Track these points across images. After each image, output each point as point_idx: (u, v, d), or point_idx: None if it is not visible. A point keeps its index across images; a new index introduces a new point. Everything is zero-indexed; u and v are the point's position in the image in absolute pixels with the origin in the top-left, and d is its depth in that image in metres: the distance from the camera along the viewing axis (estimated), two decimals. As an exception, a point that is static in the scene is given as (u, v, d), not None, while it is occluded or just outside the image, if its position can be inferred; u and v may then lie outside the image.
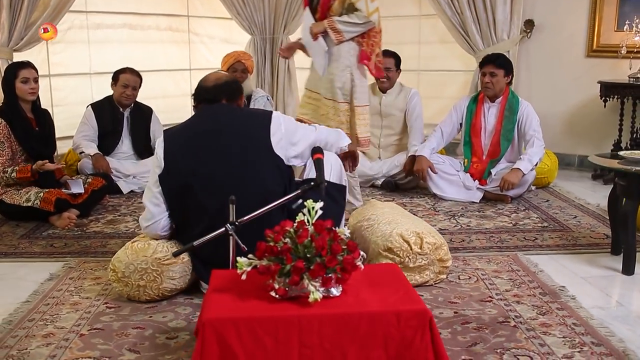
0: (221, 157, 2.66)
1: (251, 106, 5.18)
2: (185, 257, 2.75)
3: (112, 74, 4.93)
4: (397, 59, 5.08)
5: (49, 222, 3.94)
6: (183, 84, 6.59)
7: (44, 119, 4.27)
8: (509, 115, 4.57)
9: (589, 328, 2.51)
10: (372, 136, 5.06)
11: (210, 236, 2.35)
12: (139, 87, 4.95)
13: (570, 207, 4.34)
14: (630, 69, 4.98)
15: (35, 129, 4.18)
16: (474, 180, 4.55)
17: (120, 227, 3.91)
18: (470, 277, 3.07)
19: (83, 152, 4.76)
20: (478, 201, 4.48)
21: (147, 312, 2.68)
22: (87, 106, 4.96)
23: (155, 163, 2.73)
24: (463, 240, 3.61)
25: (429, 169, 4.55)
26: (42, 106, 4.31)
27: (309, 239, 2.04)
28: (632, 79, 4.96)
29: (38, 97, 4.24)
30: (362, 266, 2.12)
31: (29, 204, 3.89)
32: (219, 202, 2.32)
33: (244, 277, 2.07)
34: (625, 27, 4.95)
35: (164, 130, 2.82)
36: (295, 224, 2.11)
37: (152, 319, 2.62)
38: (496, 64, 4.54)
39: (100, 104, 4.94)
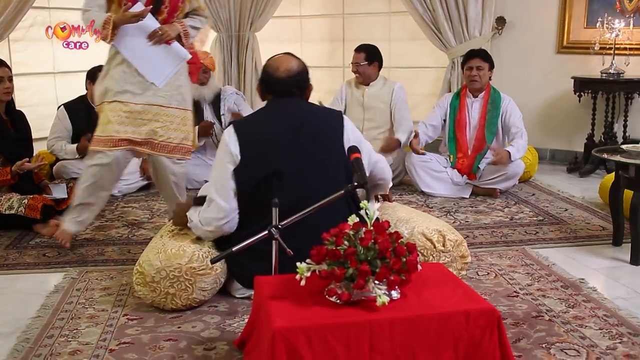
0: (301, 153, 2.58)
1: (222, 104, 5.05)
2: (218, 268, 2.63)
3: (85, 74, 4.67)
4: (368, 53, 4.99)
5: (33, 230, 3.71)
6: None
7: (20, 121, 4.05)
8: (492, 110, 4.63)
9: (620, 319, 2.55)
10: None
11: (252, 240, 2.25)
12: None
13: (557, 200, 4.44)
14: (603, 64, 5.13)
15: (11, 131, 3.94)
16: (462, 176, 4.59)
17: (112, 234, 3.72)
18: (488, 273, 3.08)
19: (63, 150, 4.55)
20: (468, 196, 4.52)
21: (173, 322, 2.55)
22: (59, 106, 4.71)
23: (226, 158, 2.59)
24: (467, 237, 3.61)
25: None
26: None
27: (373, 241, 1.98)
28: (604, 75, 5.11)
29: (12, 98, 4.01)
30: (420, 267, 2.08)
31: (13, 212, 3.65)
32: (293, 198, 2.23)
33: (303, 283, 1.99)
34: (597, 24, 5.09)
35: (233, 123, 2.66)
36: (351, 226, 2.06)
37: (181, 329, 2.49)
38: (482, 57, 4.60)
39: (74, 103, 4.70)
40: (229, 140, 2.60)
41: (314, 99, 6.81)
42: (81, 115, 4.63)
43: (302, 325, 1.85)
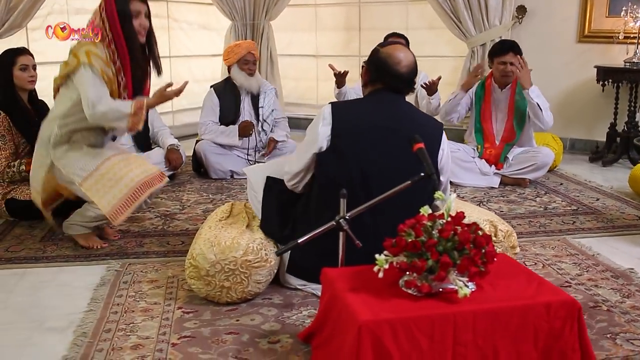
0: (389, 157, 2.48)
1: (261, 99, 4.99)
2: (272, 260, 2.60)
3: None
4: (407, 40, 4.98)
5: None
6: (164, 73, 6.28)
7: (42, 110, 3.96)
8: (519, 100, 4.59)
9: (678, 309, 2.55)
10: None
11: (318, 231, 2.21)
12: None
13: (586, 189, 4.43)
14: (627, 53, 5.12)
15: (35, 120, 3.87)
16: (490, 166, 4.57)
17: (147, 225, 3.67)
18: (535, 263, 3.06)
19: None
20: (497, 186, 4.50)
21: (230, 315, 2.51)
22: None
23: (312, 138, 2.51)
24: (505, 226, 3.60)
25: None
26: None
27: (453, 232, 1.95)
28: (627, 64, 5.10)
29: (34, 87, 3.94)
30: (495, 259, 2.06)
31: (46, 200, 3.59)
32: (368, 199, 2.15)
33: (380, 275, 1.95)
34: (622, 13, 5.07)
35: (332, 106, 2.53)
36: (427, 216, 2.03)
37: (240, 322, 2.45)
38: (515, 52, 4.49)
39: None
40: (323, 123, 2.50)
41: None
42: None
43: (387, 318, 1.82)
